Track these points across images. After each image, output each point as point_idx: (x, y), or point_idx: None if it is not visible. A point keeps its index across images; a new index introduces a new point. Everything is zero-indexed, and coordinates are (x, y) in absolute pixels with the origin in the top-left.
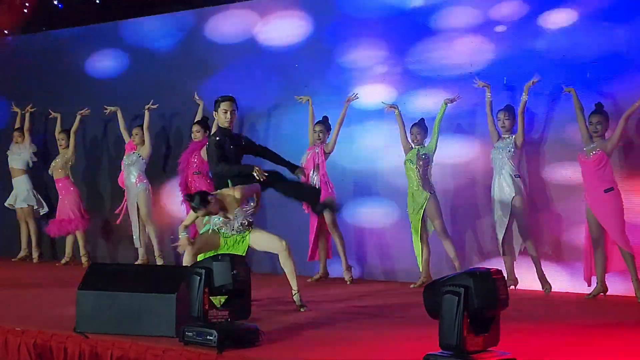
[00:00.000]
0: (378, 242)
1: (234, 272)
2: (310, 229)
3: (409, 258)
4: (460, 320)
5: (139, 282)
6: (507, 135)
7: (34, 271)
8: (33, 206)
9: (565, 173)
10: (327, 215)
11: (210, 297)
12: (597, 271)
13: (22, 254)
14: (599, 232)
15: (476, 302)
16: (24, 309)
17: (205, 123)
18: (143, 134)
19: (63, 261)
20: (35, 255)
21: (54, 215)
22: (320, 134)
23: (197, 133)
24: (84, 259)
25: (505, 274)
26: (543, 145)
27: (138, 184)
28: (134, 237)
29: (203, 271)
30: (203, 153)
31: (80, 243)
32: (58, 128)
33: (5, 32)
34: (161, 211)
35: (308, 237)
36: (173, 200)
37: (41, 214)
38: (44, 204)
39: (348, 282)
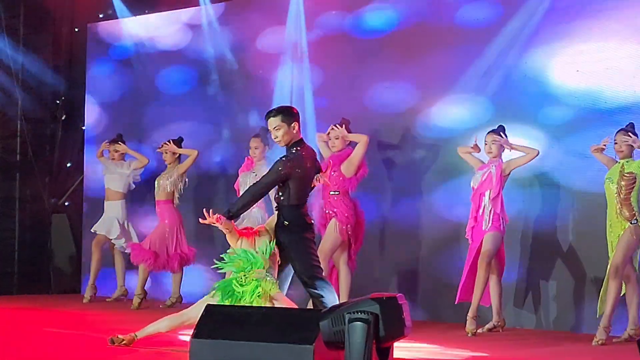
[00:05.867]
0: None
1: (403, 317)
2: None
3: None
4: None
5: (265, 329)
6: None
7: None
8: (108, 237)
9: None
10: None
11: None
12: None
13: (88, 292)
14: None
15: None
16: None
17: (347, 127)
18: (265, 146)
19: (168, 302)
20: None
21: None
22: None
23: (335, 140)
24: (136, 300)
25: None
26: None
27: (253, 210)
28: None
29: (370, 317)
30: (345, 167)
31: (140, 282)
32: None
33: None
34: None
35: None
36: None
37: (116, 245)
38: (133, 239)
39: (469, 334)
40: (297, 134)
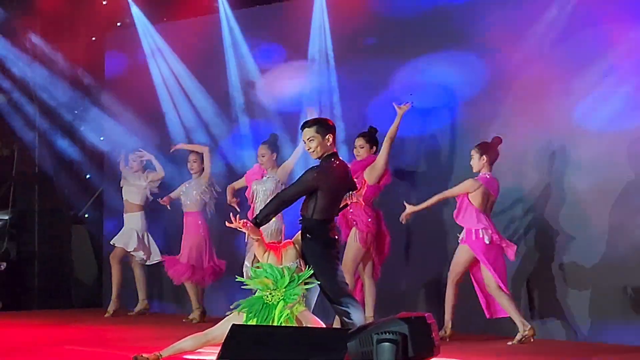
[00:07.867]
0: None
1: (432, 336)
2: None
3: None
4: None
5: (292, 349)
6: None
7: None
8: (126, 250)
9: None
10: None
11: None
12: None
13: (112, 306)
14: None
15: None
16: None
17: (373, 136)
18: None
19: (190, 317)
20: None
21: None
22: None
23: (360, 149)
24: (193, 315)
25: None
26: None
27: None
28: None
29: (399, 338)
30: (368, 174)
31: (193, 296)
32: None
33: None
34: None
35: None
36: None
37: (136, 258)
38: (152, 251)
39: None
40: (332, 146)
